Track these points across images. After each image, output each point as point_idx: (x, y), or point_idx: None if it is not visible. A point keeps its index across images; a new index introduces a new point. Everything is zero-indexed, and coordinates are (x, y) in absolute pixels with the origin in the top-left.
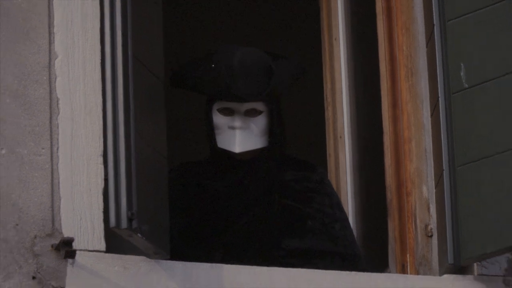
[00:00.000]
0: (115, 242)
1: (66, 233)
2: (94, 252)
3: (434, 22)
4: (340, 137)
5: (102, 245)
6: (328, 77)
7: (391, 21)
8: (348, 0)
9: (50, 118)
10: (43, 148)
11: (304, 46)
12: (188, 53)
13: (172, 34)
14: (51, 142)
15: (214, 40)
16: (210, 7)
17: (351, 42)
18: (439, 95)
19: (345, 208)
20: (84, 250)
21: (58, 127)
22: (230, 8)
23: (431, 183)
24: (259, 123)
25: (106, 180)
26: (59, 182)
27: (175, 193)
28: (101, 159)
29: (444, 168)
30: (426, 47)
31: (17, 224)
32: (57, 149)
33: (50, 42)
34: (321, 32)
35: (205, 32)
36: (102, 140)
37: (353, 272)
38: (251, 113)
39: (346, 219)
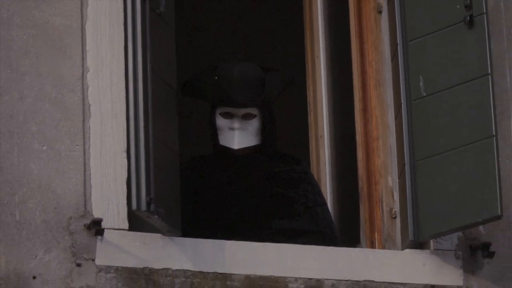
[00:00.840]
0: (136, 222)
1: (96, 214)
2: (119, 230)
3: (398, 42)
4: (321, 136)
5: (126, 225)
6: (311, 87)
7: (362, 41)
8: (327, 23)
9: (83, 120)
10: (77, 145)
11: (291, 62)
12: (195, 65)
13: (182, 50)
14: (83, 141)
15: (217, 54)
16: (213, 28)
17: (329, 58)
18: (402, 102)
19: (324, 195)
20: (110, 228)
21: (89, 128)
22: (229, 27)
23: (395, 174)
24: (254, 124)
25: (129, 171)
26: (90, 174)
27: (185, 182)
28: (125, 155)
29: (405, 162)
30: (391, 62)
31: (55, 208)
32: (89, 146)
33: (83, 58)
34: (305, 50)
35: (208, 47)
36: (125, 139)
37: (331, 247)
38: (247, 117)
39: (325, 204)
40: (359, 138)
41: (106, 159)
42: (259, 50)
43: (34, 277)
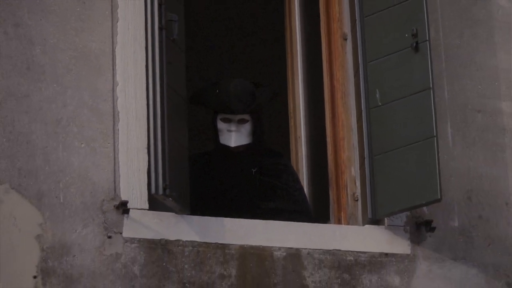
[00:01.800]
0: (154, 204)
1: (123, 197)
2: (141, 210)
3: (359, 63)
4: (299, 137)
5: (146, 205)
6: (291, 98)
7: (331, 62)
8: (304, 47)
9: (113, 124)
10: (108, 143)
11: (276, 78)
12: (200, 79)
13: (190, 67)
14: (113, 140)
15: (217, 71)
16: (213, 50)
17: (305, 75)
18: (362, 109)
19: (301, 182)
20: (134, 208)
21: (118, 130)
22: (226, 50)
23: (357, 166)
24: (247, 127)
25: (149, 164)
26: (118, 165)
27: (193, 172)
28: (145, 151)
29: (365, 157)
30: (354, 78)
31: (91, 192)
32: (118, 144)
33: (113, 75)
34: (287, 69)
35: (210, 65)
36: (146, 138)
37: (307, 223)
38: (242, 121)
39: (302, 189)
40: (329, 138)
41: (131, 154)
42: (251, 68)
43: (74, 247)
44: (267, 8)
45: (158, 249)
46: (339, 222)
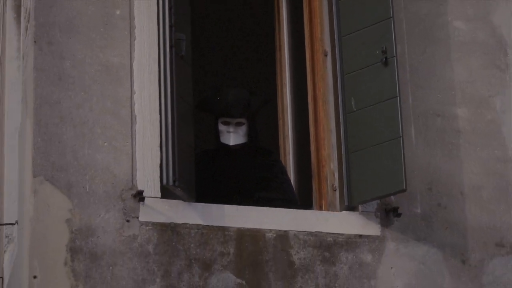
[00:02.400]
0: (166, 193)
1: (139, 187)
2: (154, 198)
3: (338, 75)
4: (286, 136)
5: (159, 194)
6: (280, 105)
7: (314, 74)
8: (291, 61)
9: (131, 126)
10: (127, 142)
11: (268, 87)
12: (204, 88)
13: (196, 79)
14: (131, 139)
15: (218, 80)
16: (215, 64)
17: (292, 86)
18: (340, 114)
19: (289, 174)
20: (149, 197)
21: (135, 131)
22: (226, 63)
23: (336, 161)
24: (243, 129)
25: (161, 160)
26: (135, 161)
27: (198, 166)
28: (158, 149)
29: (342, 154)
30: (333, 87)
31: (112, 183)
32: (135, 143)
33: (131, 85)
34: (276, 80)
35: (213, 76)
36: (159, 138)
37: (293, 209)
38: (239, 124)
39: (290, 181)
40: (312, 138)
41: (146, 151)
42: (247, 79)
43: (98, 229)
44: (260, 29)
45: (169, 231)
46: (320, 208)
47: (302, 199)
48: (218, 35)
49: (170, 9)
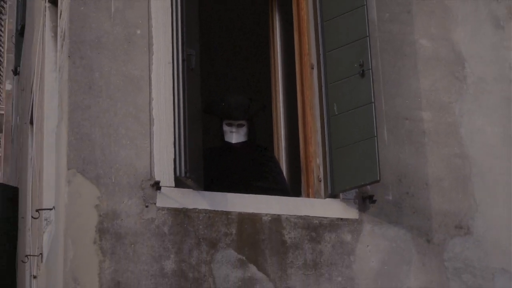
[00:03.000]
0: (179, 183)
1: (157, 178)
2: (169, 187)
3: (322, 84)
4: (280, 135)
5: (173, 184)
6: (274, 109)
7: (302, 84)
8: (284, 74)
9: (150, 127)
10: (146, 141)
11: (265, 95)
12: (210, 95)
13: (203, 87)
14: (150, 138)
15: (222, 88)
16: (220, 75)
17: (285, 93)
18: (324, 117)
19: (282, 168)
20: (164, 186)
21: (153, 132)
22: (229, 75)
23: (321, 157)
24: (244, 130)
25: (174, 155)
26: (153, 156)
27: (206, 160)
28: (172, 146)
29: (326, 150)
30: (318, 95)
31: (134, 175)
32: (153, 141)
33: (150, 93)
34: (272, 89)
35: (217, 84)
36: (173, 137)
37: (285, 197)
38: (240, 125)
39: (282, 173)
40: (301, 137)
41: (162, 149)
42: (247, 87)
43: (122, 213)
44: (258, 47)
45: (181, 215)
46: (308, 196)
47: (293, 188)
48: (223, 51)
49: (182, 29)
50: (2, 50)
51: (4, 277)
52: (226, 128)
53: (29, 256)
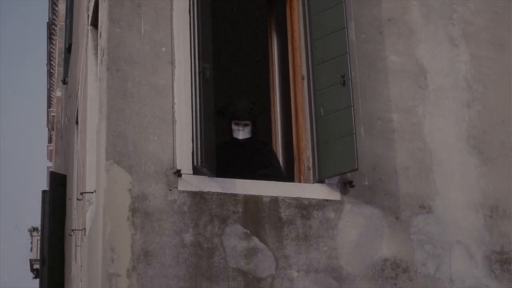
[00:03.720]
0: (196, 171)
1: (178, 167)
2: (188, 174)
3: (311, 92)
4: (277, 132)
5: (191, 172)
6: (273, 111)
7: (296, 91)
8: (280, 83)
9: (172, 126)
10: (170, 138)
11: (265, 99)
12: (221, 99)
13: (216, 94)
14: (172, 135)
15: (229, 94)
16: (229, 84)
17: (281, 98)
18: (313, 118)
19: (279, 158)
20: (184, 173)
21: (175, 130)
22: (238, 83)
23: (310, 150)
24: (248, 128)
25: (193, 149)
26: (176, 150)
27: (218, 153)
28: (191, 142)
29: (314, 145)
30: (308, 100)
31: (160, 165)
32: (175, 137)
33: (172, 98)
34: (270, 94)
35: (226, 90)
36: (191, 134)
37: (281, 182)
38: (245, 125)
39: (279, 163)
40: (294, 134)
41: (182, 143)
42: (251, 94)
43: (150, 195)
44: (259, 62)
45: (198, 196)
46: (299, 181)
47: (288, 175)
48: (232, 64)
49: (198, 47)
50: (54, 64)
51: (55, 247)
52: (234, 127)
53: (74, 230)
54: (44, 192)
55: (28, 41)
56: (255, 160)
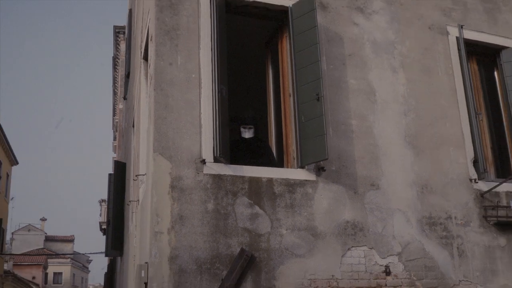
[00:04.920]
0: (216, 160)
1: (203, 157)
2: (210, 162)
3: (296, 105)
4: (272, 133)
5: (212, 160)
6: (269, 119)
7: (285, 105)
8: (274, 99)
9: (200, 129)
10: (197, 136)
11: (263, 111)
12: (233, 109)
13: (230, 105)
14: (200, 135)
15: (239, 106)
16: (236, 99)
17: (275, 109)
18: (297, 124)
19: (273, 151)
20: (208, 162)
21: (202, 132)
22: (245, 99)
23: (295, 145)
24: (252, 130)
25: (214, 144)
26: (202, 144)
27: (231, 147)
28: (212, 139)
29: (298, 141)
30: (293, 111)
31: (191, 156)
32: (201, 136)
33: (200, 109)
34: (267, 106)
35: (235, 105)
36: (212, 134)
37: (275, 168)
38: (250, 128)
39: (273, 154)
40: (284, 134)
41: (206, 140)
42: (254, 106)
43: (183, 177)
44: (258, 83)
45: (217, 178)
46: (287, 167)
47: (279, 162)
48: (241, 86)
49: (217, 73)
50: (117, 86)
51: (117, 213)
52: (242, 129)
53: (131, 201)
54: (110, 174)
55: (99, 69)
56: (256, 152)
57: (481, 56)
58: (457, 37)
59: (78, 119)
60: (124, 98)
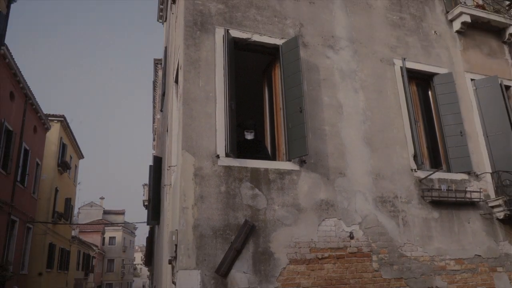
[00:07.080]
0: (227, 155)
1: (217, 153)
2: (223, 157)
3: (284, 115)
4: (267, 135)
5: (224, 155)
6: (265, 126)
7: (277, 115)
8: (268, 111)
9: (215, 133)
10: (213, 138)
11: (260, 120)
12: (240, 118)
13: (238, 117)
14: (215, 137)
15: (243, 116)
16: (240, 112)
17: (269, 118)
18: (285, 129)
19: (268, 149)
20: (221, 157)
21: (217, 135)
22: (247, 111)
23: (284, 145)
24: (252, 134)
25: (225, 144)
26: (216, 144)
27: (238, 146)
28: (224, 140)
29: (286, 142)
30: (283, 119)
31: (209, 152)
32: (216, 138)
33: (215, 118)
34: (264, 116)
35: (241, 114)
36: (224, 136)
37: (270, 161)
38: (251, 132)
39: (268, 151)
40: (276, 137)
41: (219, 141)
42: (254, 116)
43: (203, 167)
44: (256, 99)
45: (228, 168)
46: (279, 160)
47: (272, 157)
48: (245, 101)
49: (228, 91)
50: (156, 102)
51: (155, 193)
52: (245, 133)
53: (165, 185)
54: (150, 166)
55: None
56: (255, 150)
57: (419, 80)
58: (401, 67)
59: (128, 126)
60: (161, 111)
